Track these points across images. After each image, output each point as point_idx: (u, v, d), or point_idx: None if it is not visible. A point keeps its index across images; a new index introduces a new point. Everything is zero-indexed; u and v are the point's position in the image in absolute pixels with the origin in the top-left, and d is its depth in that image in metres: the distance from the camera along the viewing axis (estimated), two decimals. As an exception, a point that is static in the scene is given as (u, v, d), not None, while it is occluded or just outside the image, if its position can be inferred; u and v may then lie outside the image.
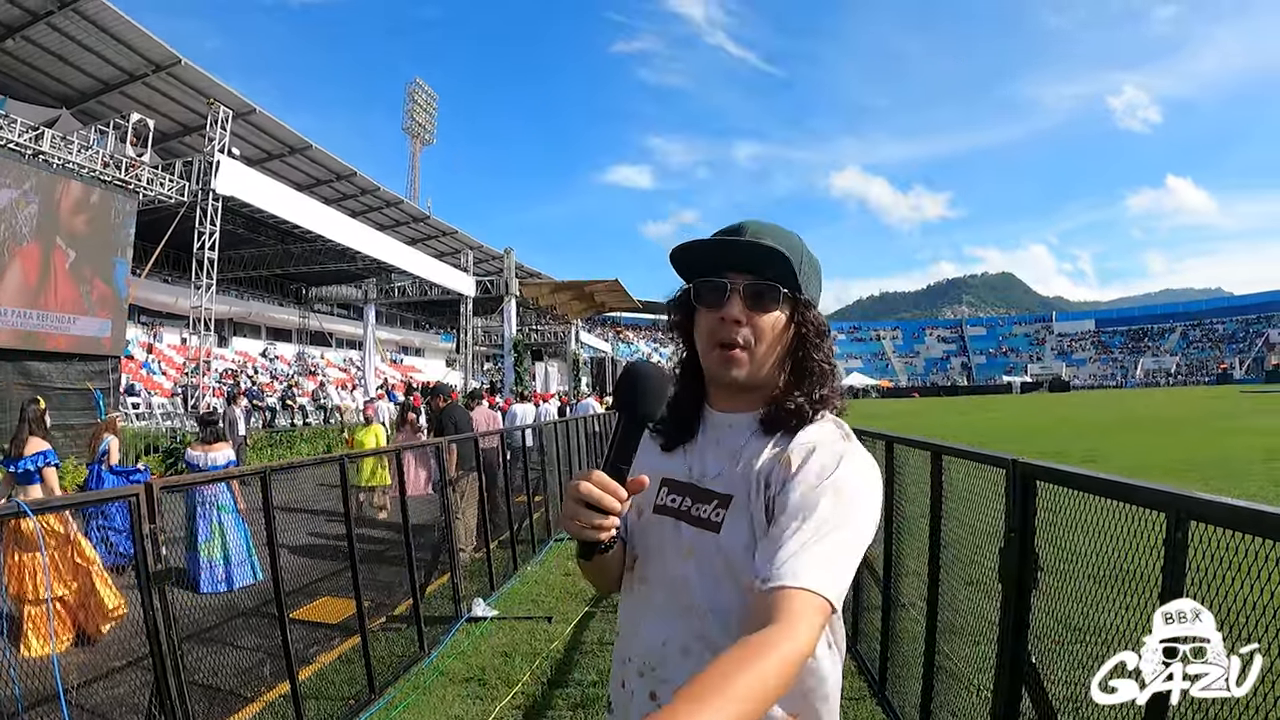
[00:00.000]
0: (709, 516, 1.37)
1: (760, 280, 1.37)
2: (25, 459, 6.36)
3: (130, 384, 26.32)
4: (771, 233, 1.41)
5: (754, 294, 1.37)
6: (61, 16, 18.49)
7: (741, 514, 1.33)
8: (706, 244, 1.41)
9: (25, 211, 15.61)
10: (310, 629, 6.06)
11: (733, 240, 1.39)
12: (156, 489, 3.36)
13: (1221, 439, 17.39)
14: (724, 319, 1.37)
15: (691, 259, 1.44)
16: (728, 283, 1.37)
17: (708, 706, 0.89)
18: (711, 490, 1.39)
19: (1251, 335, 79.25)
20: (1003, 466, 2.78)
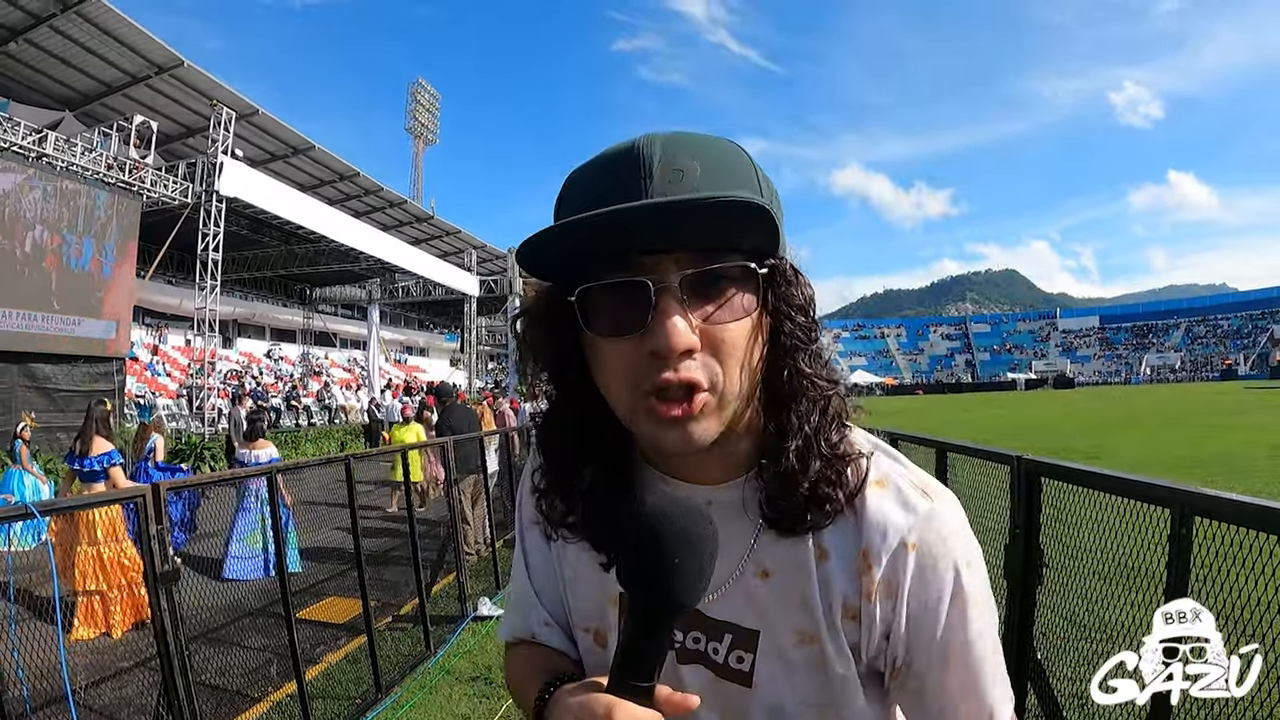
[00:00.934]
0: (727, 661, 0.90)
1: (711, 261, 0.77)
2: (92, 459, 6.76)
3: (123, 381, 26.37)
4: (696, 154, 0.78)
5: (706, 287, 0.77)
6: (64, 19, 18.50)
7: (779, 659, 0.88)
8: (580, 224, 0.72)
9: (29, 197, 15.64)
10: (317, 629, 6.09)
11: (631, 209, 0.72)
12: (163, 491, 3.37)
13: (1226, 435, 17.34)
14: (655, 354, 0.75)
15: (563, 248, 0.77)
16: (649, 282, 0.75)
17: None
18: (720, 621, 0.90)
19: (1256, 331, 78.99)
20: (1007, 464, 2.79)
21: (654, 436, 0.79)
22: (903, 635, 0.83)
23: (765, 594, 0.87)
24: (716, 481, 0.89)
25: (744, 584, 0.87)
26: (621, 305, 0.76)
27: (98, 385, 17.20)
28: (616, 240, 0.74)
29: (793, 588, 0.86)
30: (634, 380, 0.78)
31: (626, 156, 0.77)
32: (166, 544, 3.32)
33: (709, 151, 0.78)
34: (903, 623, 0.82)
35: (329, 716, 4.57)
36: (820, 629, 0.85)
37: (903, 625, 0.82)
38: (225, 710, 4.51)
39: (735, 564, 0.87)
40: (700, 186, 0.75)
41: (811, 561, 0.85)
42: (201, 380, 23.37)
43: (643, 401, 0.78)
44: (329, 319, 45.04)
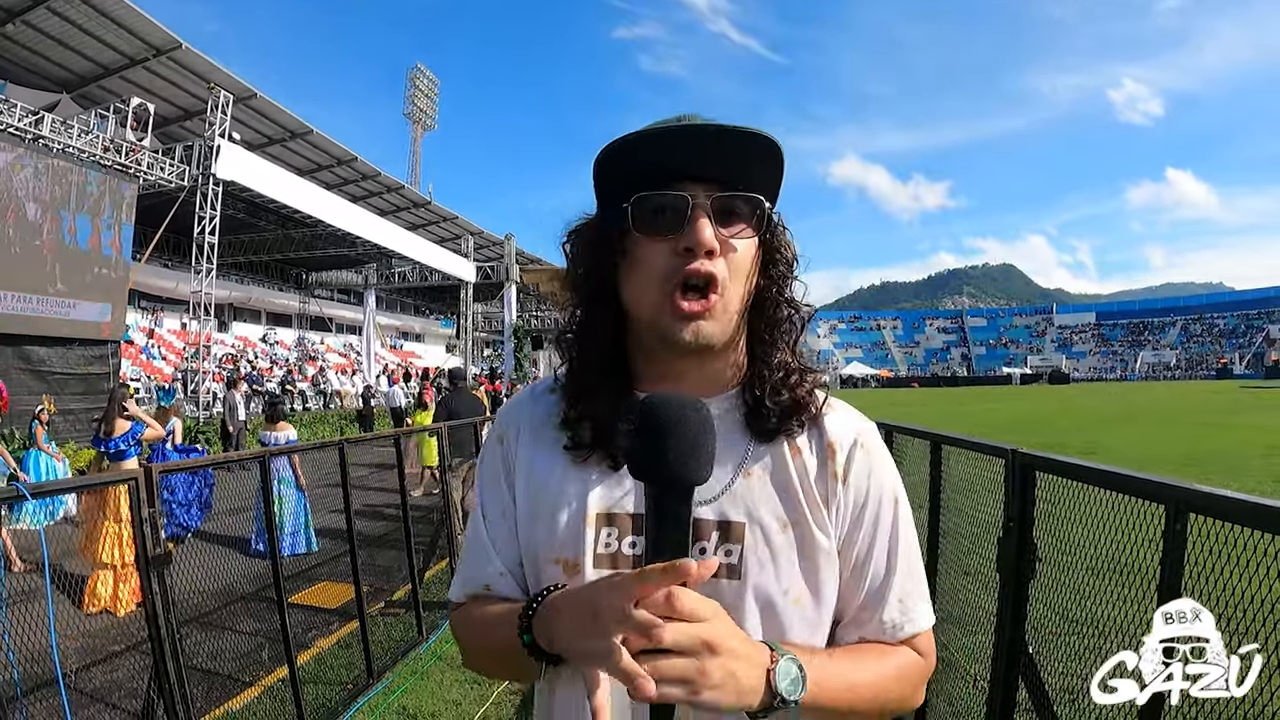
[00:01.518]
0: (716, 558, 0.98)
1: (736, 190, 0.97)
2: (116, 439, 7.44)
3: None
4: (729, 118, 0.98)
5: (727, 212, 0.97)
6: (61, 1, 18.40)
7: (764, 548, 0.99)
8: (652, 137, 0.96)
9: (21, 176, 15.57)
10: (309, 614, 6.09)
11: (698, 128, 0.95)
12: (156, 474, 3.36)
13: (1221, 434, 17.41)
14: (690, 249, 0.95)
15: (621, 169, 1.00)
16: (689, 197, 0.95)
17: (843, 667, 0.95)
18: (708, 520, 1.00)
19: (1252, 330, 79.23)
20: (1002, 456, 2.78)
21: (671, 328, 0.97)
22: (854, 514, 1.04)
23: (750, 490, 1.01)
24: (708, 395, 1.03)
25: (734, 485, 1.01)
26: (665, 212, 0.97)
27: (92, 368, 17.18)
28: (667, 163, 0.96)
29: (776, 481, 1.02)
30: (665, 274, 0.97)
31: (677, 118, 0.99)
32: (159, 527, 3.31)
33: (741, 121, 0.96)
34: (854, 502, 1.04)
35: (320, 701, 4.57)
36: (803, 512, 1.01)
37: (854, 505, 1.04)
38: (216, 695, 4.51)
39: (731, 469, 1.02)
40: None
41: (789, 458, 1.03)
42: (197, 364, 23.33)
43: (669, 297, 0.96)
44: (325, 304, 44.98)
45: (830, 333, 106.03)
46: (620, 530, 1.02)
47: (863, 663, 0.98)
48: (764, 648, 0.85)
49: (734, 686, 0.79)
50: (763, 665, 0.83)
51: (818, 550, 1.00)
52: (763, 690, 0.82)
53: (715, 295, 0.96)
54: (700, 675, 0.76)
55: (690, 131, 0.95)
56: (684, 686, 0.76)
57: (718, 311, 0.97)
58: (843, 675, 0.93)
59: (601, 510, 1.02)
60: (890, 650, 1.03)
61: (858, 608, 1.04)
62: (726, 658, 0.78)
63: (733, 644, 0.80)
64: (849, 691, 0.93)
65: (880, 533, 1.04)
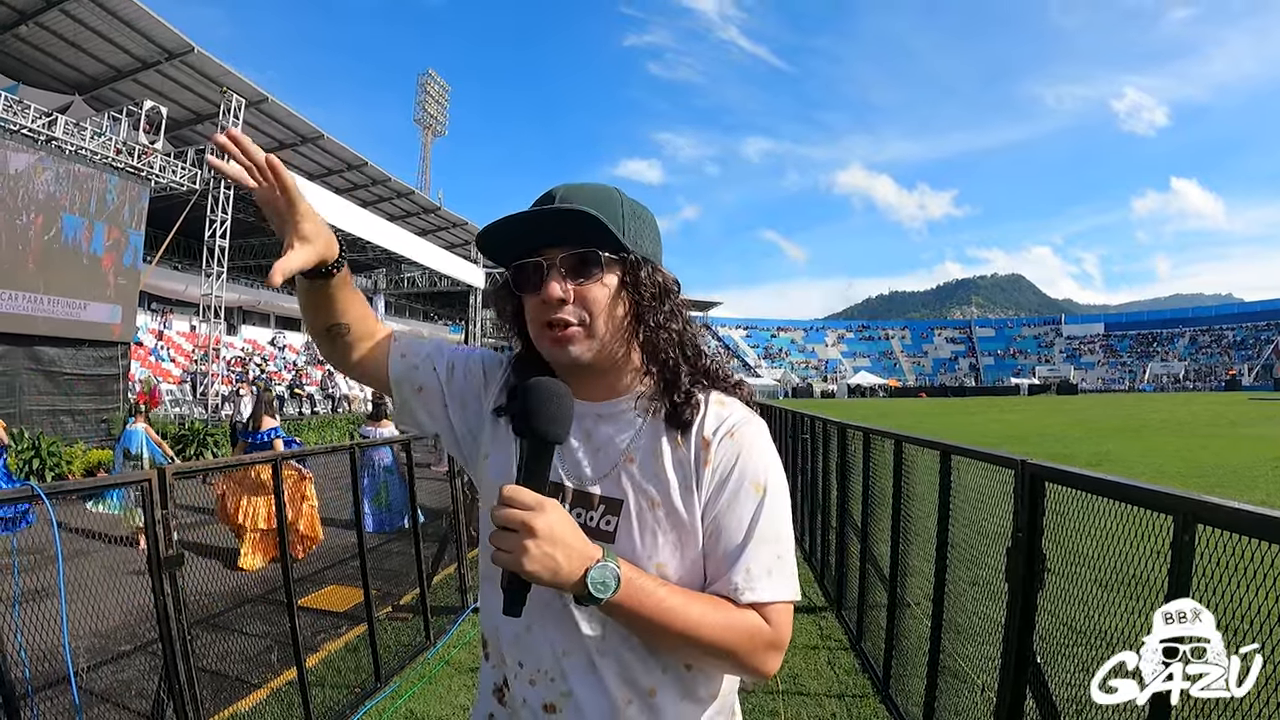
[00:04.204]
0: (598, 525, 1.29)
1: (575, 248, 1.25)
2: (261, 432, 8.97)
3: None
4: (581, 194, 1.29)
5: (572, 265, 1.25)
6: (75, 3, 18.53)
7: (635, 520, 1.26)
8: (508, 222, 1.27)
9: (41, 179, 15.65)
10: (318, 617, 6.11)
11: (534, 212, 1.26)
12: (169, 476, 3.38)
13: (1230, 446, 17.33)
14: (545, 301, 1.25)
15: (500, 244, 1.32)
16: (543, 260, 1.26)
17: (666, 592, 1.16)
18: (593, 494, 1.31)
19: (1261, 342, 78.85)
20: (1011, 467, 2.79)
21: (549, 352, 1.28)
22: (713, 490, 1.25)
23: (631, 474, 1.28)
24: (605, 399, 1.34)
25: (625, 469, 1.28)
26: (530, 274, 1.27)
27: (102, 369, 17.25)
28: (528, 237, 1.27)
29: (653, 467, 1.27)
30: (538, 319, 1.27)
31: (545, 195, 1.29)
32: (170, 529, 3.33)
33: (588, 190, 1.29)
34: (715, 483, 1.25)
35: (328, 705, 4.58)
36: (670, 495, 1.25)
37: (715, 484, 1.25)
38: (225, 696, 4.52)
39: (615, 458, 1.30)
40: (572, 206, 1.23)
41: (667, 448, 1.28)
42: (206, 366, 23.40)
43: (543, 331, 1.27)
44: (334, 308, 45.02)
45: (838, 342, 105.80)
46: None
47: (692, 600, 1.18)
48: (596, 550, 1.11)
49: (550, 567, 1.06)
50: (585, 562, 1.09)
51: (681, 526, 1.24)
52: (578, 581, 1.09)
53: (573, 328, 1.25)
54: (519, 549, 1.05)
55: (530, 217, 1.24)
56: (507, 556, 1.06)
57: (579, 337, 1.25)
58: (661, 597, 1.14)
59: None
60: (731, 606, 1.20)
61: (713, 571, 1.23)
62: (544, 541, 1.06)
63: (555, 533, 1.07)
64: (658, 609, 1.13)
65: (737, 508, 1.23)
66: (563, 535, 1.07)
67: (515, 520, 1.06)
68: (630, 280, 1.29)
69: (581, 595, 1.10)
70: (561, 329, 1.25)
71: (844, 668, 5.09)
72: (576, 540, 1.10)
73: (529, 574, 1.06)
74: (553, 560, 1.06)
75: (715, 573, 1.23)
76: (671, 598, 1.15)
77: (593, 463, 1.32)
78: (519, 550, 1.05)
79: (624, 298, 1.29)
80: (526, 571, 1.06)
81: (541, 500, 1.08)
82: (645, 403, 1.32)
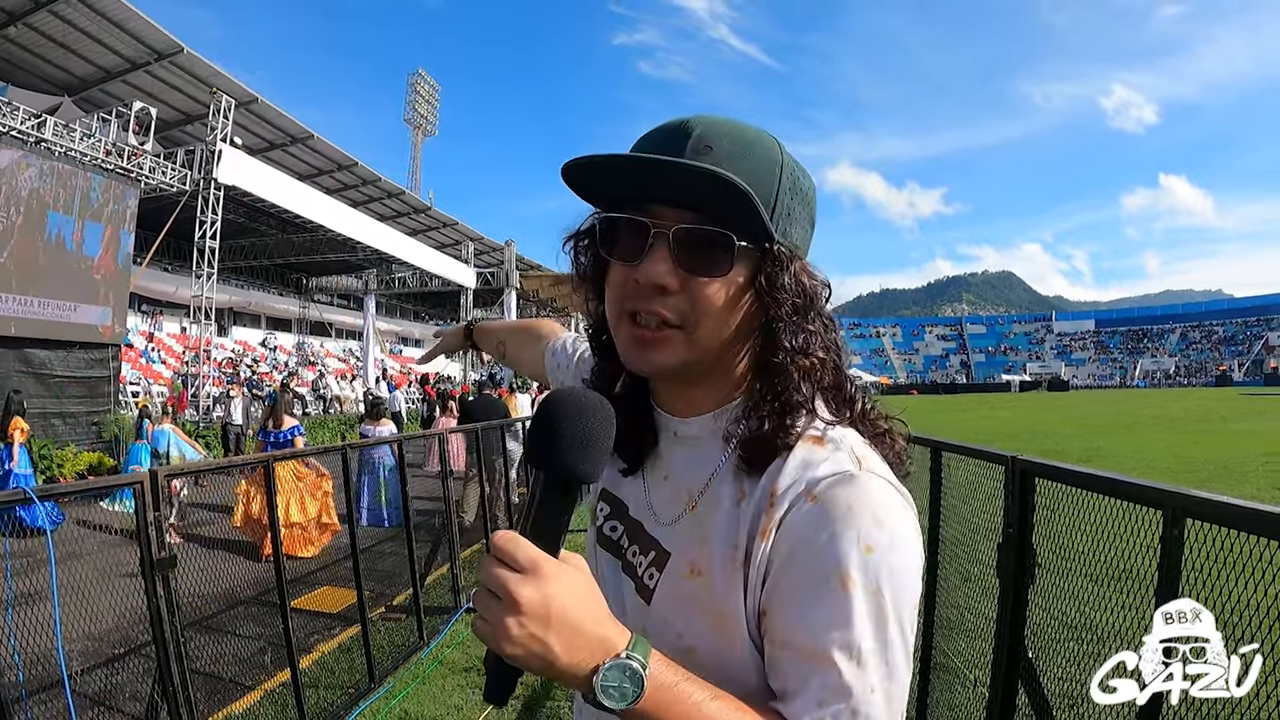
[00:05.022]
0: (643, 576, 0.99)
1: (703, 224, 0.87)
2: (282, 431, 9.22)
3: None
4: (730, 138, 0.89)
5: (691, 246, 0.88)
6: (64, 4, 18.40)
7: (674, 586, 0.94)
8: (613, 162, 0.88)
9: (25, 175, 15.57)
10: (311, 618, 6.11)
11: (650, 160, 0.86)
12: (161, 477, 3.38)
13: (1220, 441, 17.41)
14: (639, 282, 0.89)
15: (596, 179, 0.93)
16: (650, 224, 0.88)
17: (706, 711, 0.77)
18: (652, 537, 0.99)
19: (1251, 338, 79.25)
20: (1001, 463, 2.80)
21: (623, 351, 0.95)
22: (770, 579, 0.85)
23: (685, 523, 0.95)
24: (685, 415, 1.00)
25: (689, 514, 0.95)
26: (627, 237, 0.90)
27: (92, 371, 17.13)
28: (636, 183, 0.89)
29: (703, 521, 0.93)
30: (621, 299, 0.93)
31: (677, 126, 0.90)
32: (163, 530, 3.33)
33: (741, 140, 0.89)
34: (776, 565, 0.84)
35: (322, 706, 4.58)
36: (710, 564, 0.90)
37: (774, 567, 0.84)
38: (219, 698, 4.52)
39: (683, 498, 0.97)
40: (719, 162, 0.85)
41: (730, 501, 0.91)
42: (196, 368, 23.33)
43: (624, 320, 0.93)
44: (325, 308, 45.01)
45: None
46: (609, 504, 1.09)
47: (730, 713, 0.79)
48: (617, 640, 0.76)
49: (540, 654, 0.73)
50: (596, 656, 0.75)
51: (722, 613, 0.88)
52: (582, 679, 0.75)
53: (664, 330, 0.90)
54: (498, 625, 0.73)
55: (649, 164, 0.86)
56: (485, 628, 0.74)
57: (673, 343, 0.90)
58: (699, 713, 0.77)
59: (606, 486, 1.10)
60: None
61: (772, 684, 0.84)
62: (532, 621, 0.72)
63: (553, 612, 0.73)
64: None
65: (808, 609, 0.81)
66: (564, 614, 0.74)
67: (497, 584, 0.73)
68: (766, 281, 0.90)
69: (587, 698, 0.76)
70: (653, 328, 0.91)
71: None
72: (588, 623, 0.76)
73: (509, 659, 0.74)
74: (543, 646, 0.73)
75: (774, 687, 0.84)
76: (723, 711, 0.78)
77: (658, 495, 1.01)
78: (498, 627, 0.73)
79: (749, 301, 0.92)
80: (506, 655, 0.74)
81: (540, 562, 0.74)
82: (729, 427, 0.95)
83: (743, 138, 0.89)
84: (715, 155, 0.86)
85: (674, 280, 0.88)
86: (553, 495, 0.79)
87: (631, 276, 0.90)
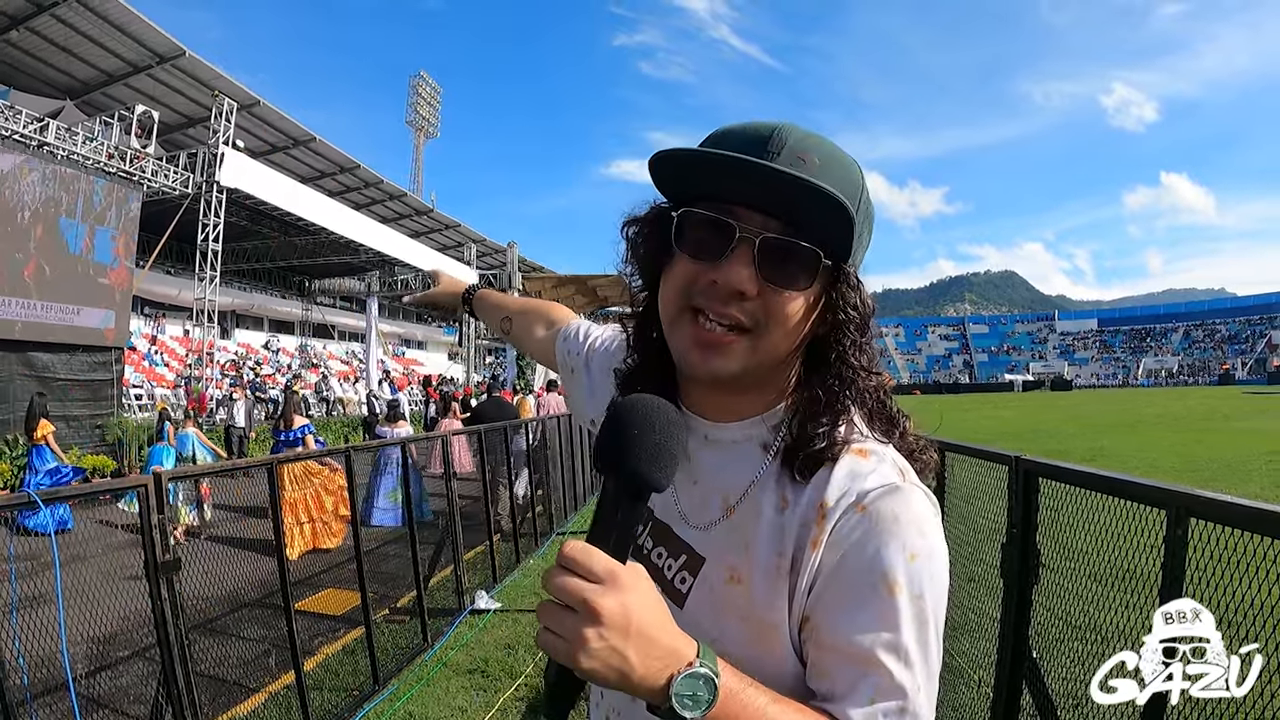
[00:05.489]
0: (674, 580, 0.99)
1: (792, 236, 0.87)
2: (292, 430, 9.78)
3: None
4: (822, 153, 0.88)
5: (779, 256, 0.88)
6: (66, 8, 18.45)
7: (709, 591, 0.95)
8: (709, 160, 0.87)
9: (28, 180, 15.60)
10: (315, 620, 6.11)
11: (757, 165, 0.83)
12: (165, 480, 3.38)
13: (1224, 440, 17.38)
14: (717, 283, 0.88)
15: (687, 170, 0.91)
16: (736, 226, 0.87)
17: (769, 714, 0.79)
18: (683, 541, 1.00)
19: (1254, 336, 79.10)
20: (1006, 464, 2.80)
21: (682, 351, 0.93)
22: (819, 590, 0.87)
23: (722, 529, 0.96)
24: (718, 419, 1.01)
25: (726, 519, 0.96)
26: (709, 236, 0.89)
27: (96, 375, 17.16)
28: (730, 185, 0.87)
29: (743, 528, 0.94)
30: (687, 296, 0.91)
31: (768, 130, 0.88)
32: (167, 533, 3.33)
33: (832, 156, 0.89)
34: (825, 575, 0.87)
35: (326, 708, 4.59)
36: (752, 572, 0.91)
37: (823, 578, 0.87)
38: (223, 700, 4.52)
39: (714, 502, 0.98)
40: (815, 176, 0.83)
41: (771, 509, 0.93)
42: (199, 371, 23.36)
43: (685, 316, 0.92)
44: (328, 311, 45.03)
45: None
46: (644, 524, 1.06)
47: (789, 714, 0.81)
48: (687, 649, 0.77)
49: (618, 667, 0.73)
50: (670, 665, 0.76)
51: (760, 622, 0.90)
52: (658, 690, 0.76)
53: (734, 335, 0.90)
54: (576, 639, 0.72)
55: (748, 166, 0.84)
56: (558, 643, 0.73)
57: (737, 351, 0.90)
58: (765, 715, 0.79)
59: None
60: None
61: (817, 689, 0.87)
62: (612, 632, 0.72)
63: (632, 622, 0.73)
64: None
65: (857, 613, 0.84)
66: (642, 624, 0.74)
67: (574, 596, 0.72)
68: (842, 300, 0.93)
69: (660, 708, 0.76)
70: (719, 332, 0.90)
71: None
72: (662, 632, 0.76)
73: (585, 673, 0.74)
74: (621, 659, 0.73)
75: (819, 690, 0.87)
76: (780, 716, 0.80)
77: (687, 498, 1.01)
78: (576, 640, 0.72)
79: (816, 316, 0.94)
80: (583, 669, 0.73)
81: (617, 571, 0.74)
82: (768, 434, 0.97)
83: (834, 155, 0.89)
84: (809, 168, 0.85)
85: (753, 287, 0.88)
86: (625, 502, 0.78)
87: (707, 276, 0.89)
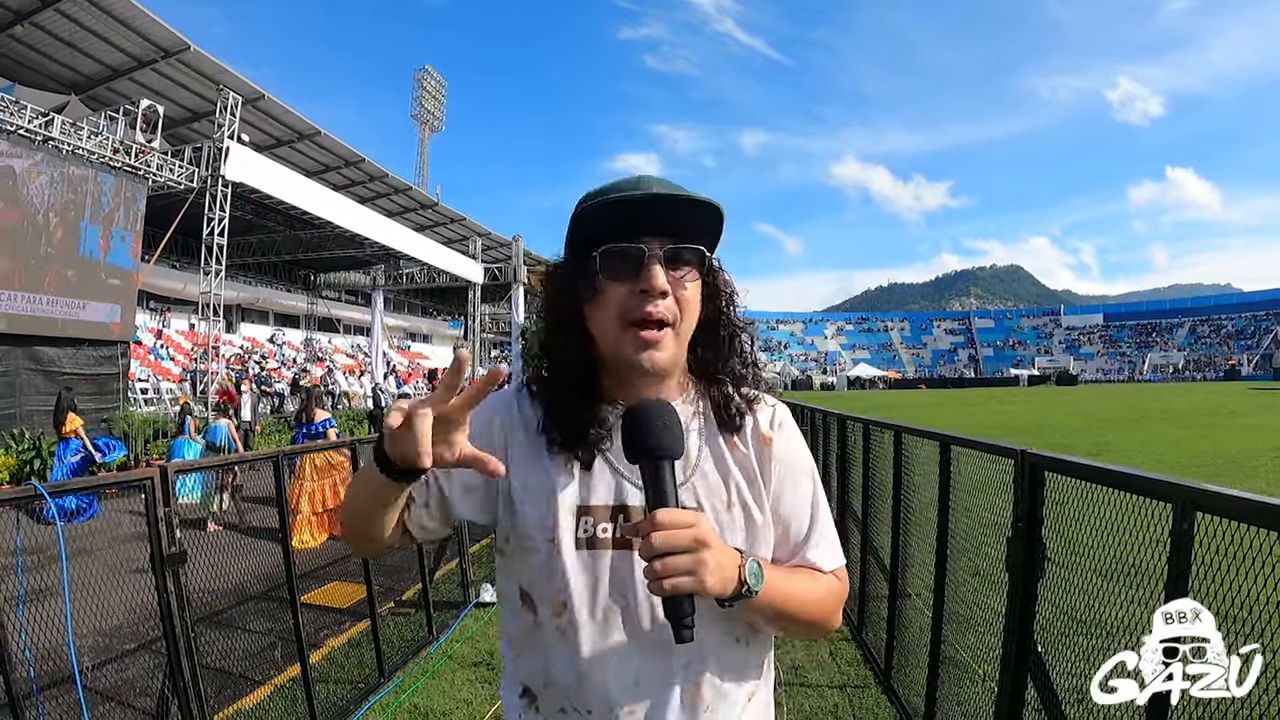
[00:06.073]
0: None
1: (682, 242, 1.20)
2: (315, 424, 10.12)
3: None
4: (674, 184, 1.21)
5: (676, 259, 1.20)
6: (70, 2, 18.46)
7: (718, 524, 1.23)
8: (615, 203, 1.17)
9: (36, 183, 15.63)
10: (320, 613, 6.13)
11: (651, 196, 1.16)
12: (171, 473, 3.39)
13: (1230, 435, 17.34)
14: (646, 291, 1.17)
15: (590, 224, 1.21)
16: (644, 247, 1.17)
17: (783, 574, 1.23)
18: None
19: (1260, 332, 78.80)
20: (1011, 457, 2.79)
21: (632, 357, 1.19)
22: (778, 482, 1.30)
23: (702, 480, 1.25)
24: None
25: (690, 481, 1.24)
26: (626, 261, 1.18)
27: (102, 369, 17.24)
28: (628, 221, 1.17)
29: (712, 474, 1.26)
30: (624, 313, 1.19)
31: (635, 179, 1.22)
32: (173, 526, 3.34)
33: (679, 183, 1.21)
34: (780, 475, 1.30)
35: (332, 700, 4.60)
36: (743, 495, 1.26)
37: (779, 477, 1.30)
38: (229, 693, 4.54)
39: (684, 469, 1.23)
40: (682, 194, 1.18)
41: (727, 451, 1.29)
42: (205, 365, 23.40)
43: (628, 330, 1.19)
44: (333, 304, 45.12)
45: (837, 334, 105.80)
46: (596, 519, 1.22)
47: (795, 576, 1.25)
48: (733, 549, 1.12)
49: (720, 574, 1.05)
50: (736, 561, 1.10)
51: (753, 523, 1.25)
52: (735, 581, 1.09)
53: (668, 329, 1.20)
54: (699, 565, 1.02)
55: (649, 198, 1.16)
56: (690, 577, 1.01)
57: (668, 342, 1.20)
58: (784, 580, 1.20)
59: (579, 503, 1.22)
60: (818, 574, 1.30)
61: (787, 552, 1.30)
62: (716, 551, 1.05)
63: (715, 540, 1.06)
64: (785, 593, 1.19)
65: (800, 494, 1.31)
66: (717, 540, 1.07)
67: (686, 539, 1.01)
68: (713, 281, 1.30)
69: (736, 593, 1.09)
70: (656, 328, 1.19)
71: (846, 659, 5.11)
72: (719, 540, 1.09)
73: (708, 588, 1.03)
74: (720, 568, 1.05)
75: (790, 552, 1.30)
76: (789, 579, 1.23)
77: None
78: (700, 567, 1.02)
79: (702, 300, 1.27)
80: (707, 587, 1.03)
81: (695, 513, 1.07)
82: (691, 406, 1.31)
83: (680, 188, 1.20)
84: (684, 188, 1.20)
85: (668, 286, 1.18)
86: (664, 470, 1.07)
87: (635, 289, 1.18)
